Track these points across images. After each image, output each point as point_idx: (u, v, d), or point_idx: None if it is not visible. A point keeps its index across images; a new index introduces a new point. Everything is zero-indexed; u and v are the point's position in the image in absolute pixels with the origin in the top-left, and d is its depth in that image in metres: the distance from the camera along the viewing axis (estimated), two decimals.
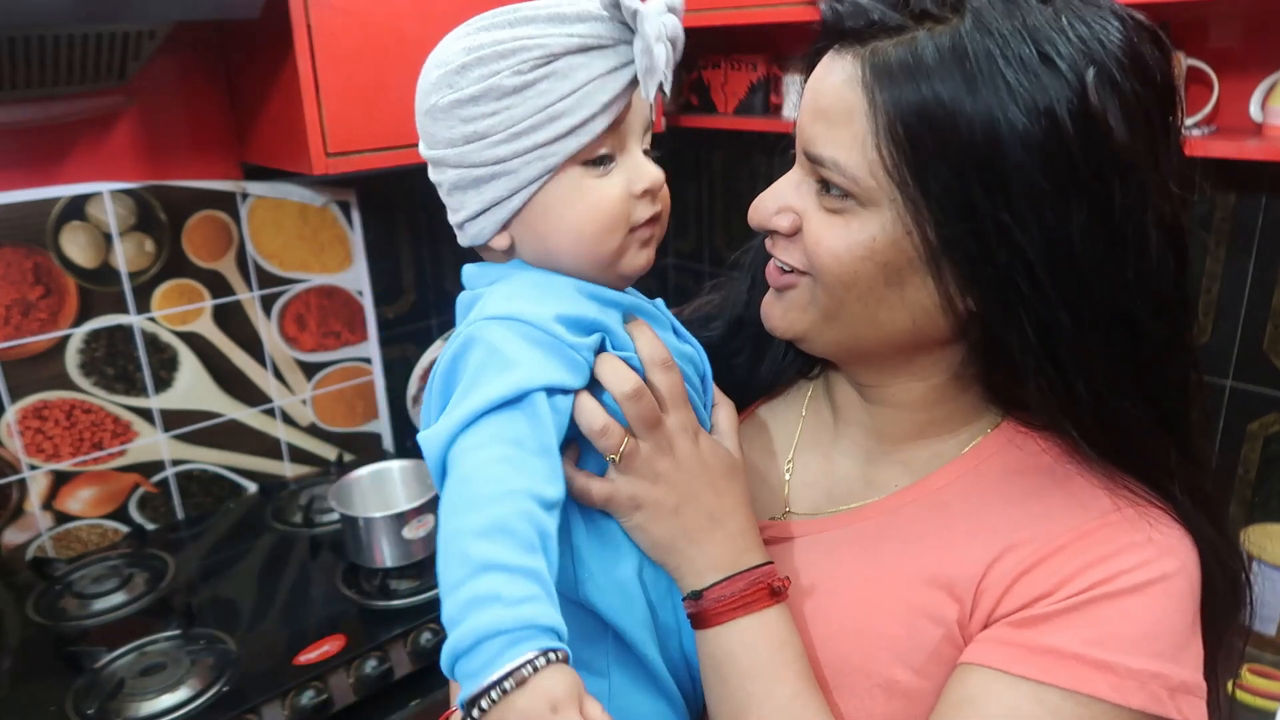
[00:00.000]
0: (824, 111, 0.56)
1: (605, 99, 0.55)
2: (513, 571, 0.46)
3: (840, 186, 0.55)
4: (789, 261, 0.60)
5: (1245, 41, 1.34)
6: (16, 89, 1.24)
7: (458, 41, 0.58)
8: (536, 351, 0.55)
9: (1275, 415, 1.46)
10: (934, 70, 0.51)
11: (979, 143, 0.50)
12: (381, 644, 1.24)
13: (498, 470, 0.50)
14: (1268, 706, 1.21)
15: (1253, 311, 1.44)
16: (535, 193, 0.58)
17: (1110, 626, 0.52)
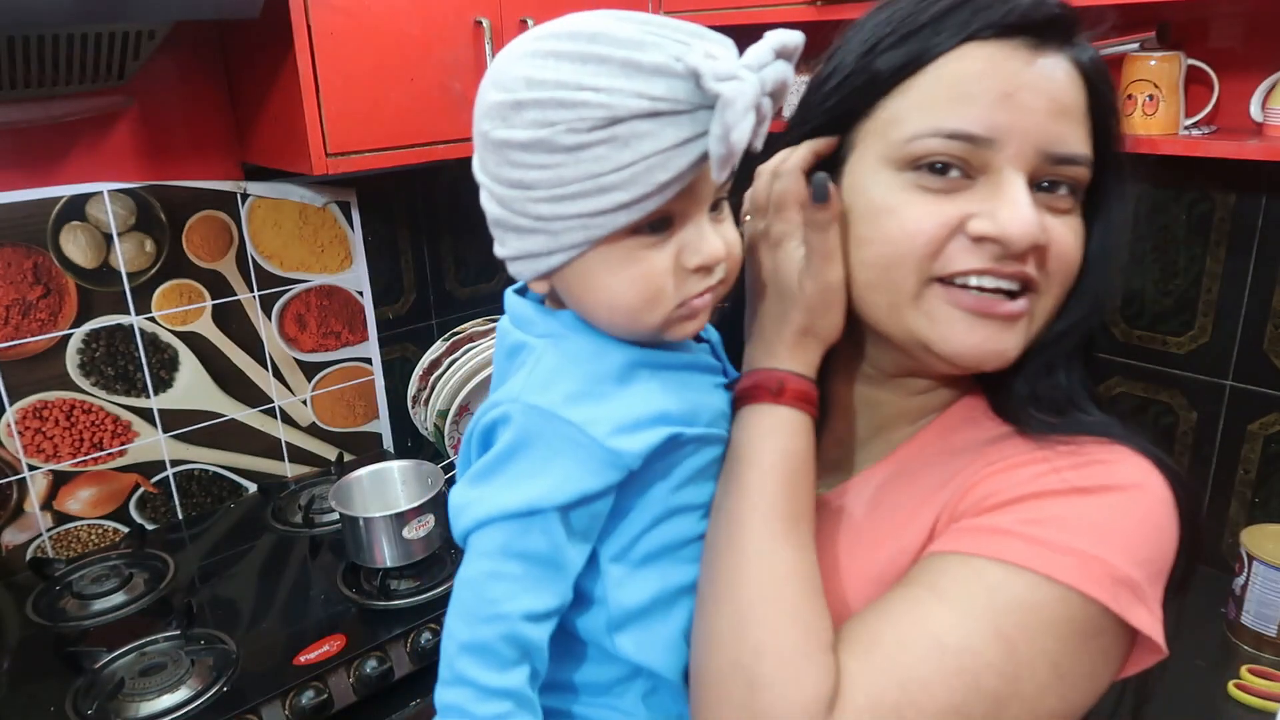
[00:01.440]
0: (1067, 109, 0.55)
1: (666, 178, 0.49)
2: (484, 691, 0.51)
3: (1079, 182, 0.57)
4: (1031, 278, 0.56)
5: (1245, 41, 1.34)
6: (16, 89, 1.24)
7: (522, 65, 0.51)
8: (567, 460, 0.53)
9: (1275, 415, 1.46)
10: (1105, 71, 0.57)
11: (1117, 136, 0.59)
12: (381, 644, 1.24)
13: (493, 589, 0.53)
14: (1268, 707, 1.21)
15: (1253, 311, 1.44)
16: (574, 258, 0.54)
17: (1052, 512, 0.52)
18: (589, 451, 0.53)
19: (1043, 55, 0.55)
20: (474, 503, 0.54)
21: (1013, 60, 0.55)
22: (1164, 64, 1.30)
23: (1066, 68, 0.56)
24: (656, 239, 0.53)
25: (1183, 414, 1.57)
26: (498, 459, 0.54)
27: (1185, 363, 1.54)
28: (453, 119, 1.46)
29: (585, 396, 0.54)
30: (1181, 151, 1.25)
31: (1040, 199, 0.56)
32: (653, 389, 0.56)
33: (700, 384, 0.60)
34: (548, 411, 0.53)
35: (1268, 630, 1.32)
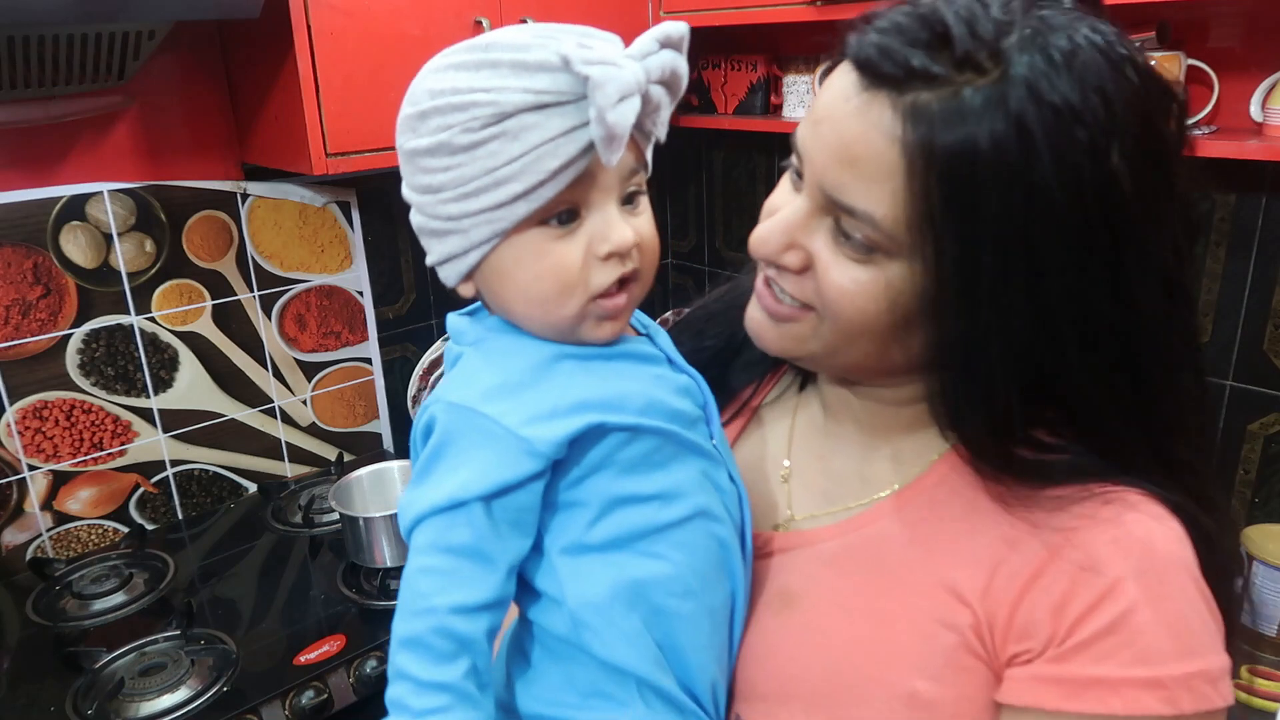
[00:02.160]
0: (857, 161, 0.52)
1: (555, 165, 0.51)
2: (420, 685, 0.52)
3: (868, 240, 0.53)
4: (797, 296, 0.57)
5: (1245, 41, 1.34)
6: (16, 89, 1.24)
7: (427, 79, 0.55)
8: (485, 452, 0.53)
9: (1275, 415, 1.46)
10: (978, 130, 0.48)
11: (1016, 202, 0.49)
12: (381, 644, 1.24)
13: (423, 583, 0.53)
14: (1268, 707, 1.21)
15: (1253, 311, 1.44)
16: (488, 253, 0.56)
17: (1145, 640, 0.51)
18: (504, 442, 0.53)
19: (865, 96, 0.51)
20: (410, 503, 0.55)
21: (844, 92, 0.53)
22: (1164, 64, 1.30)
23: (880, 118, 0.50)
24: (564, 231, 0.55)
25: None
26: (427, 458, 0.56)
27: None
28: None
29: (501, 390, 0.55)
30: None
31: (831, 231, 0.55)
32: (574, 379, 0.57)
33: (632, 372, 0.59)
34: (464, 407, 0.54)
35: (1268, 630, 1.32)
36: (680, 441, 0.59)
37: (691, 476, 0.59)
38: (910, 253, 0.52)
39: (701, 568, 0.59)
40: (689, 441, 0.59)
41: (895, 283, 0.53)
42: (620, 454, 0.56)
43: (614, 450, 0.56)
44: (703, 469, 0.60)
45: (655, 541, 0.58)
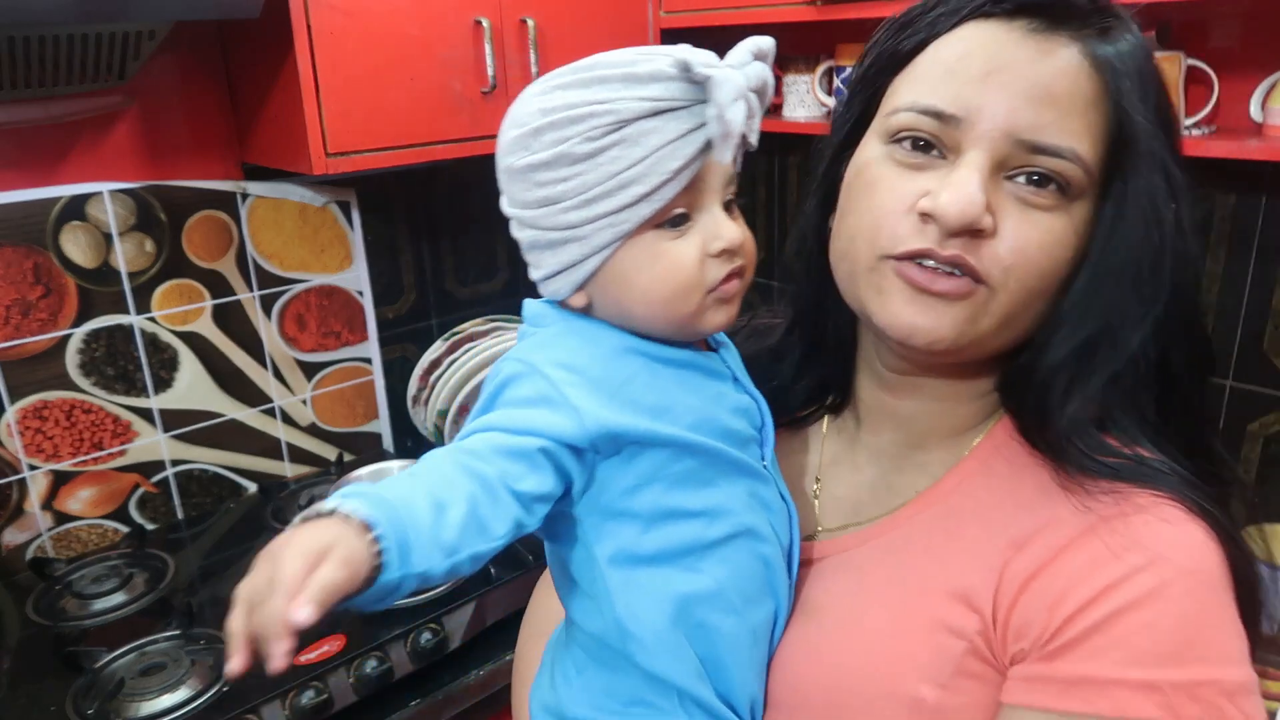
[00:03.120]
0: (1058, 99, 0.52)
1: (676, 165, 0.54)
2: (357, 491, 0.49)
3: (1067, 179, 0.53)
4: (979, 269, 0.54)
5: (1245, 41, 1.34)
6: (16, 89, 1.24)
7: (533, 101, 0.58)
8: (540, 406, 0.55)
9: (1275, 415, 1.46)
10: (1135, 56, 0.53)
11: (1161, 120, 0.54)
12: (381, 644, 1.24)
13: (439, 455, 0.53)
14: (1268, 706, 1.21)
15: (1253, 311, 1.44)
16: (608, 258, 0.58)
17: (1139, 640, 0.49)
18: (557, 405, 0.55)
19: (1043, 39, 0.53)
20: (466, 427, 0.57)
21: (1005, 41, 0.53)
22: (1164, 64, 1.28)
23: (1072, 55, 0.53)
24: (678, 233, 0.58)
25: None
26: (487, 398, 0.58)
27: None
28: (453, 119, 1.46)
29: (570, 366, 0.57)
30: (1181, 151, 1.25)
31: (1013, 189, 0.54)
32: (635, 378, 0.58)
33: (694, 384, 0.61)
34: (532, 366, 0.57)
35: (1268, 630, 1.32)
36: (729, 460, 0.60)
37: (738, 495, 0.60)
38: (1091, 194, 0.54)
39: (744, 586, 0.60)
40: (738, 460, 0.60)
41: (1079, 226, 0.54)
42: (670, 468, 0.58)
43: (665, 463, 0.58)
44: (751, 489, 0.61)
45: (701, 558, 0.59)
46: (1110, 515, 0.53)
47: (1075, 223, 0.54)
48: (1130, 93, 0.53)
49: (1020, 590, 0.54)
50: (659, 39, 1.72)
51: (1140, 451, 0.55)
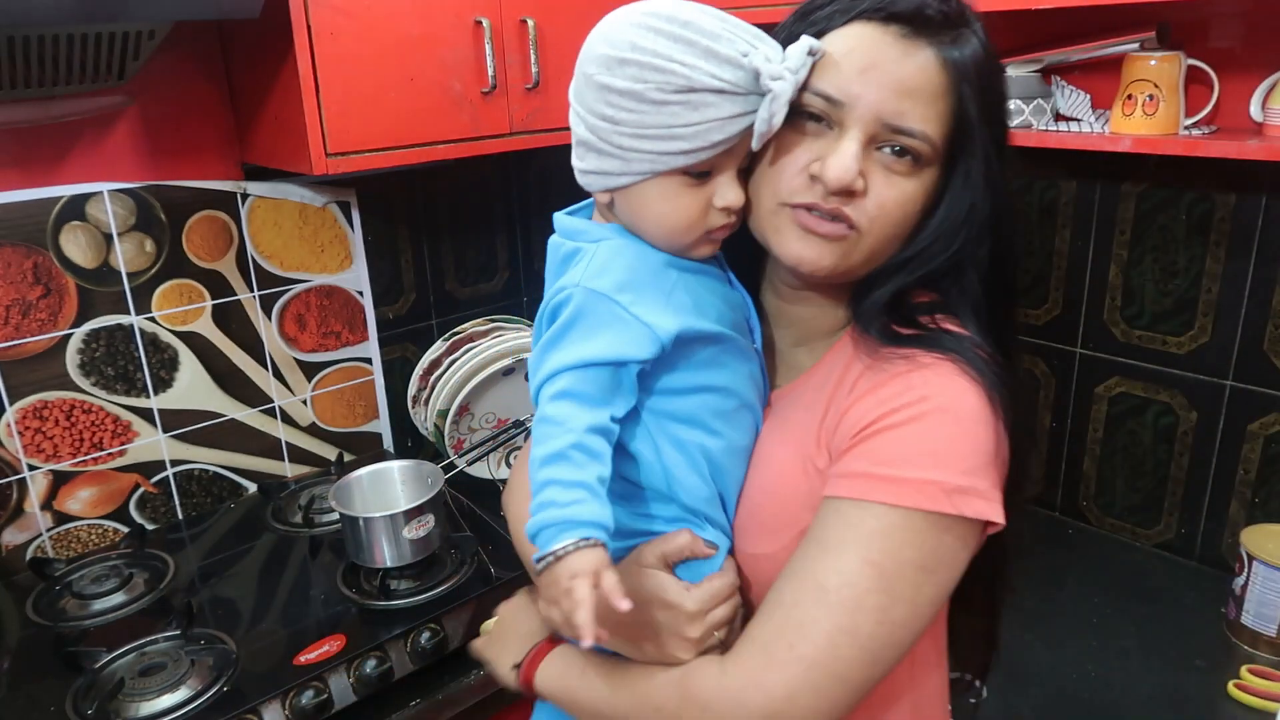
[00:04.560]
0: (915, 92, 0.68)
1: (719, 138, 0.67)
2: (564, 484, 0.66)
3: (918, 153, 0.69)
4: (849, 217, 0.70)
5: (1245, 41, 1.34)
6: (16, 89, 1.24)
7: (629, 31, 0.68)
8: (614, 330, 0.69)
9: (1275, 415, 1.46)
10: (977, 54, 0.69)
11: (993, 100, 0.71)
12: (381, 644, 1.24)
13: (560, 412, 0.68)
14: (1268, 707, 1.21)
15: (1253, 311, 1.44)
16: (638, 182, 0.71)
17: (891, 449, 0.68)
18: (632, 326, 0.69)
19: (908, 43, 0.68)
20: (545, 360, 0.70)
21: (879, 43, 0.68)
22: (1164, 64, 1.30)
23: (928, 56, 0.68)
24: (699, 183, 0.71)
25: (1183, 414, 1.57)
26: (561, 329, 0.70)
27: (1185, 363, 1.54)
28: (453, 119, 1.46)
29: (629, 285, 0.71)
30: (1181, 151, 1.25)
31: (879, 158, 0.70)
32: (678, 286, 0.73)
33: (711, 287, 0.76)
34: (600, 293, 0.70)
35: (1268, 630, 1.32)
36: (739, 347, 0.77)
37: (742, 374, 0.78)
38: (937, 160, 0.70)
39: (742, 441, 0.79)
40: (744, 347, 0.77)
41: (928, 186, 0.71)
42: (700, 354, 0.74)
43: (697, 350, 0.74)
44: (749, 369, 0.78)
45: (718, 422, 0.76)
46: (900, 371, 0.71)
47: (925, 184, 0.71)
48: (967, 91, 0.69)
49: (836, 427, 0.73)
50: None
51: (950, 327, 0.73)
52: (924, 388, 0.69)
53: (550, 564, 0.64)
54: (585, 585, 0.63)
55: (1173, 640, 1.37)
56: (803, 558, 0.70)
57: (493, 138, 1.52)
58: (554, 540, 0.65)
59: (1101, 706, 1.26)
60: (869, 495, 0.67)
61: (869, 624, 0.66)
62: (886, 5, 0.69)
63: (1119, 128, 1.35)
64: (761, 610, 0.71)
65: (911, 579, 0.67)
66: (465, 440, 1.74)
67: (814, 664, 0.66)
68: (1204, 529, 1.58)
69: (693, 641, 0.74)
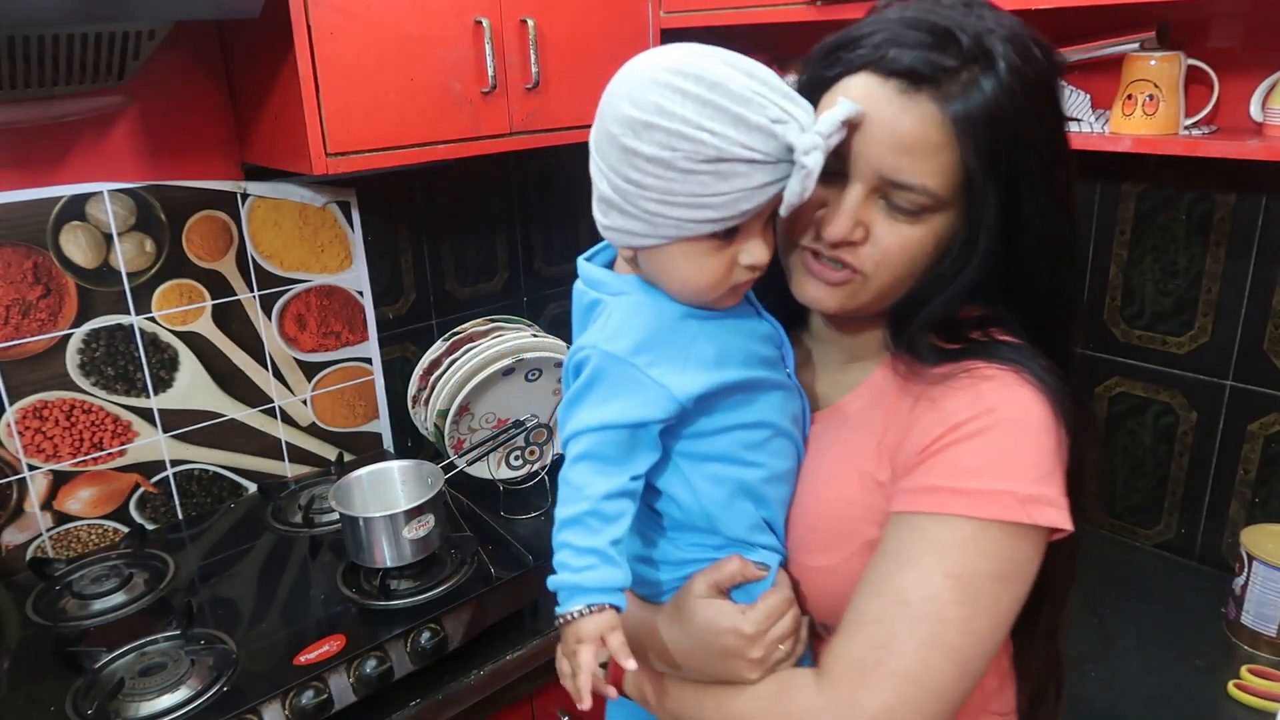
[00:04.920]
0: (912, 148, 0.68)
1: (748, 207, 0.66)
2: (577, 550, 0.70)
3: (918, 205, 0.70)
4: (852, 263, 0.72)
5: (1245, 41, 1.34)
6: (16, 89, 1.24)
7: (654, 91, 0.65)
8: (631, 394, 0.70)
9: (1275, 415, 1.46)
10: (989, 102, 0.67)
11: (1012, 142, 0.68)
12: (381, 644, 1.24)
13: (578, 478, 0.71)
14: (1268, 707, 1.21)
15: (1253, 311, 1.44)
16: (663, 245, 0.70)
17: (963, 462, 0.69)
18: (649, 389, 0.70)
19: (907, 99, 0.68)
20: (568, 419, 0.73)
21: (879, 98, 0.68)
22: (1164, 64, 1.30)
23: (928, 112, 0.67)
24: (724, 243, 0.70)
25: (1183, 414, 1.57)
26: (581, 390, 0.72)
27: (1185, 363, 1.54)
28: (453, 119, 1.46)
29: (647, 346, 0.71)
30: (1181, 151, 1.25)
31: (882, 205, 0.71)
32: (697, 338, 0.73)
33: (735, 328, 0.76)
34: (617, 357, 0.71)
35: (1268, 630, 1.32)
36: (767, 383, 0.77)
37: (774, 404, 0.78)
38: (950, 204, 0.70)
39: (783, 466, 0.79)
40: (772, 381, 0.78)
41: (939, 230, 0.71)
42: (729, 397, 0.74)
43: (724, 395, 0.74)
44: (781, 397, 0.79)
45: (753, 454, 0.77)
46: (964, 385, 0.71)
47: (934, 229, 0.71)
48: (967, 144, 0.67)
49: (899, 444, 0.74)
50: (659, 39, 1.72)
51: (1003, 338, 0.74)
52: (990, 399, 0.70)
53: (563, 626, 0.70)
54: (588, 652, 0.67)
55: (1173, 640, 1.37)
56: (880, 573, 0.71)
57: (493, 138, 1.52)
58: (567, 604, 0.69)
59: (1101, 706, 1.26)
60: (944, 508, 0.68)
61: (954, 635, 0.67)
62: (885, 60, 0.68)
63: (1119, 128, 1.35)
64: (845, 628, 0.71)
65: (991, 589, 0.68)
66: (465, 440, 1.74)
67: (907, 679, 0.67)
68: (1204, 529, 1.58)
69: (757, 662, 0.75)
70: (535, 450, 1.80)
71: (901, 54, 0.67)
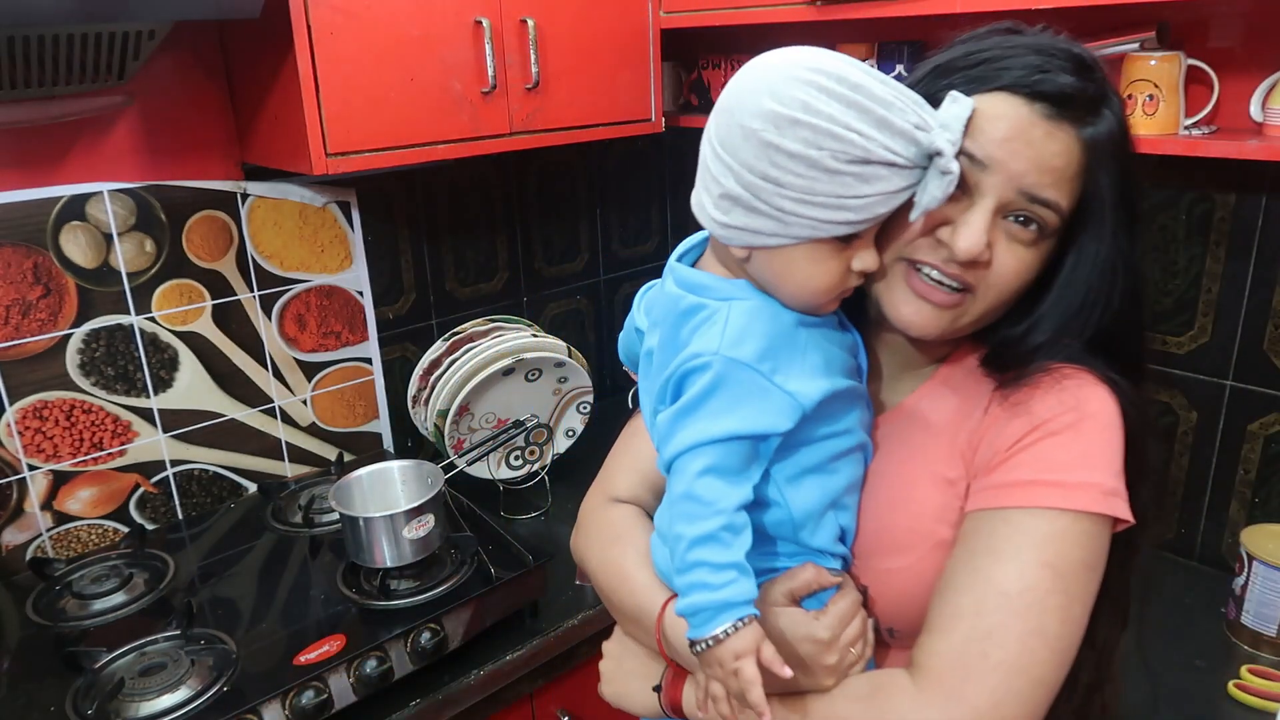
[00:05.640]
0: (1056, 169, 0.69)
1: (883, 210, 0.67)
2: (715, 567, 0.68)
3: (1046, 224, 0.71)
4: (965, 282, 0.72)
5: (1245, 41, 1.34)
6: (16, 89, 1.24)
7: (798, 88, 0.65)
8: (758, 402, 0.69)
9: (1275, 415, 1.46)
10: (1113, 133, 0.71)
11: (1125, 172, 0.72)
12: (381, 644, 1.24)
13: (707, 493, 0.69)
14: (1268, 707, 1.21)
15: (1253, 311, 1.44)
16: (787, 244, 0.69)
17: (1053, 456, 0.71)
18: (776, 397, 0.70)
19: (1051, 123, 0.69)
20: (679, 433, 0.70)
21: (1026, 118, 0.69)
22: (1164, 64, 1.30)
23: (1069, 138, 0.69)
24: (844, 246, 0.70)
25: (1183, 414, 1.57)
26: (698, 398, 0.70)
27: (1185, 363, 1.54)
28: (453, 119, 1.46)
29: (770, 353, 0.70)
30: (1181, 151, 1.25)
31: (1005, 226, 0.71)
32: (809, 346, 0.73)
33: (834, 339, 0.77)
34: (743, 363, 0.69)
35: (1268, 630, 1.32)
36: (857, 393, 0.78)
37: (856, 416, 0.78)
38: (1058, 232, 0.72)
39: (857, 474, 0.80)
40: (860, 390, 0.78)
41: (1044, 255, 0.73)
42: (831, 406, 0.74)
43: (826, 404, 0.73)
44: (862, 409, 0.79)
45: (838, 463, 0.77)
46: (1046, 384, 0.73)
47: (1042, 254, 0.73)
48: (1101, 172, 0.70)
49: (976, 445, 0.76)
50: (659, 39, 1.72)
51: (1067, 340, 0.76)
52: (1075, 395, 0.72)
53: (711, 647, 0.67)
54: (751, 665, 0.66)
55: (1173, 640, 1.37)
56: (973, 568, 0.71)
57: (493, 138, 1.52)
58: (712, 624, 0.67)
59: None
60: (1038, 501, 0.70)
61: (1055, 624, 0.68)
62: (1034, 83, 0.69)
63: None
64: (938, 624, 0.71)
65: (1084, 577, 0.70)
66: (465, 440, 1.74)
67: (1013, 670, 0.67)
68: (1204, 529, 1.58)
69: (832, 668, 0.75)
70: (535, 450, 1.80)
71: (1052, 79, 0.69)
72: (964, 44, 0.75)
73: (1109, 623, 0.81)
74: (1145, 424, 0.75)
